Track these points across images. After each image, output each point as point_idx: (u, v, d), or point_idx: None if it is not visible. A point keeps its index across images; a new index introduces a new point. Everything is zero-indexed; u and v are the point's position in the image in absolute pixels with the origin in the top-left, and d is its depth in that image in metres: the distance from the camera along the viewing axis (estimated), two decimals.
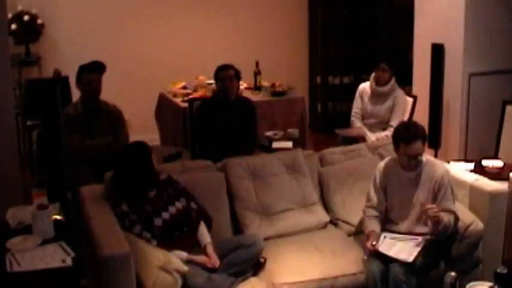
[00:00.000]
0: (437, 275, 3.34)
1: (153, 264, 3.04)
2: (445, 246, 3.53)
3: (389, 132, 5.04)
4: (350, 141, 4.94)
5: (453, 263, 3.53)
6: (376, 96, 5.31)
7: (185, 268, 3.14)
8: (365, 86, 5.42)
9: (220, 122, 4.72)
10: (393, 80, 5.31)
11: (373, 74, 5.36)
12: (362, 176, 3.96)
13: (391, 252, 3.36)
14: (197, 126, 4.96)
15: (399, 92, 5.33)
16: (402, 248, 3.40)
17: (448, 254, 3.55)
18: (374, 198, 3.64)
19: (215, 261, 3.29)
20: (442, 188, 3.50)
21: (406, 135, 3.47)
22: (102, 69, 4.49)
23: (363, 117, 5.39)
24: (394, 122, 5.06)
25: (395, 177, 3.61)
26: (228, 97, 4.78)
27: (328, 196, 3.98)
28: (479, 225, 3.57)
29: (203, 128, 4.80)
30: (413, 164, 3.51)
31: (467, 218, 3.60)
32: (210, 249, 3.35)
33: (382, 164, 3.72)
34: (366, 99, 5.37)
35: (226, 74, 4.76)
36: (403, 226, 3.55)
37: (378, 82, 5.30)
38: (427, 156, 3.67)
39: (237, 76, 4.84)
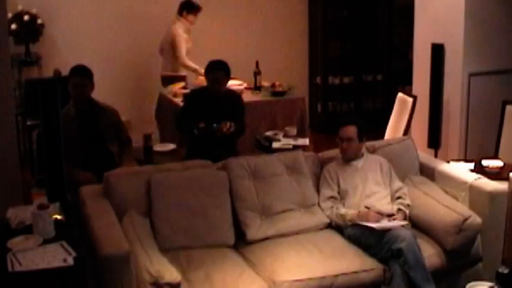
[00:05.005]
0: None
1: (145, 280, 2.98)
2: None
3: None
4: None
5: (451, 257, 3.58)
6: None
7: (178, 279, 3.05)
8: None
9: (210, 109, 4.76)
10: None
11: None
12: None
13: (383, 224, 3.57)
14: (185, 111, 4.94)
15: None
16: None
17: None
18: (330, 193, 3.86)
19: None
20: (389, 171, 3.94)
21: (344, 119, 4.01)
22: (87, 75, 4.46)
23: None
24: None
25: (346, 171, 3.91)
26: (217, 93, 4.84)
27: None
28: (476, 219, 3.60)
29: (190, 113, 4.82)
30: (345, 146, 3.87)
31: (465, 211, 3.64)
32: None
33: (328, 166, 3.98)
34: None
35: (216, 76, 4.78)
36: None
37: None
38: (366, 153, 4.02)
39: (227, 74, 4.85)
